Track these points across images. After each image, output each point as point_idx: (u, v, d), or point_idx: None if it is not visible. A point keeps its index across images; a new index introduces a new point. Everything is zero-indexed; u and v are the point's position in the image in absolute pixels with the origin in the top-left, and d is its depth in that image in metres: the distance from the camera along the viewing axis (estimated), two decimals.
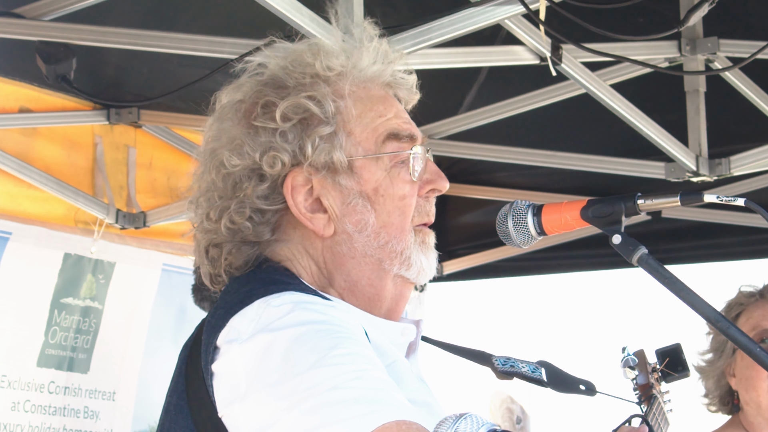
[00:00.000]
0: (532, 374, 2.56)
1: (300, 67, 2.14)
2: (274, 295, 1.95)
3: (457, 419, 1.69)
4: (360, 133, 2.12)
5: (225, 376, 1.90)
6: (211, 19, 4.65)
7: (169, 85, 4.81)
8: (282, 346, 1.84)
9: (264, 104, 2.10)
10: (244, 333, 1.90)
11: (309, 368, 1.80)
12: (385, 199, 2.11)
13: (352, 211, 2.10)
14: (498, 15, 3.75)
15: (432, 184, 2.17)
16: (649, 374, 3.38)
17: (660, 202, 2.04)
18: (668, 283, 1.95)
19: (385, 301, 2.14)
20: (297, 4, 3.55)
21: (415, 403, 1.94)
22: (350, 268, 2.10)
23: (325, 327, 1.88)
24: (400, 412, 1.76)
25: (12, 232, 4.77)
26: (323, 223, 2.09)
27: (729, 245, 5.97)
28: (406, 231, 2.12)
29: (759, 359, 1.92)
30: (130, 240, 5.28)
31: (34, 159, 4.90)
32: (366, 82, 2.16)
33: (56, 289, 4.95)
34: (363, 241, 2.10)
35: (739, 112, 5.00)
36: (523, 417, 6.34)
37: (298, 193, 2.09)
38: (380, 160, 2.12)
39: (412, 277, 2.14)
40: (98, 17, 4.43)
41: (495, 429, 1.68)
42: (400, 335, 2.14)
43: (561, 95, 4.93)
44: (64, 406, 4.99)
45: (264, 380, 1.83)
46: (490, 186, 5.95)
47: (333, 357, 1.81)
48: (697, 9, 3.81)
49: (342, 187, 2.10)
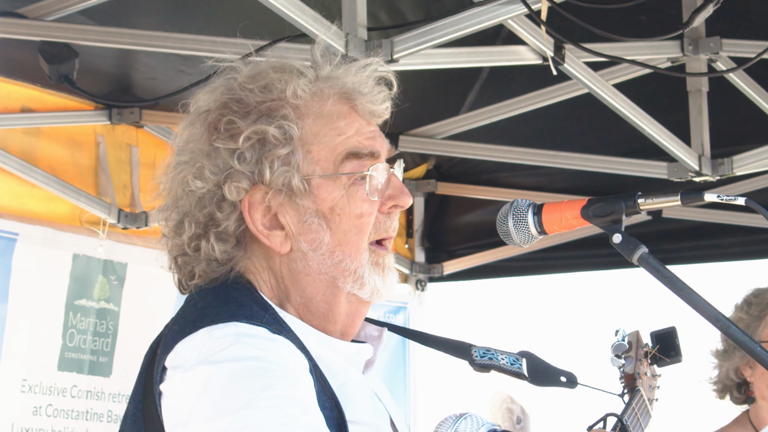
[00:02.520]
0: (511, 367, 2.53)
1: (262, 84, 2.15)
2: (218, 326, 1.99)
3: (457, 419, 1.70)
4: (318, 152, 2.12)
5: (170, 399, 1.98)
6: (213, 19, 4.65)
7: (170, 85, 4.81)
8: (219, 380, 1.91)
9: (226, 122, 2.12)
10: (187, 361, 1.96)
11: (241, 408, 1.86)
12: (341, 218, 2.11)
13: (308, 230, 2.10)
14: (500, 15, 3.75)
15: (394, 200, 2.16)
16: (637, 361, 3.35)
17: (660, 201, 2.04)
18: (669, 283, 1.95)
19: (339, 318, 2.15)
20: (299, 4, 3.55)
21: (362, 424, 2.01)
22: (305, 284, 2.12)
23: (260, 365, 1.92)
24: None
25: (19, 233, 4.77)
26: (280, 240, 2.11)
27: (729, 245, 5.97)
28: (361, 250, 2.13)
29: (759, 358, 1.92)
30: (137, 240, 5.28)
31: (38, 158, 4.91)
32: (327, 98, 2.15)
33: (69, 291, 4.95)
34: (318, 260, 2.11)
35: (741, 111, 5.00)
36: (523, 417, 6.34)
37: (255, 210, 2.11)
38: (338, 179, 2.11)
39: (365, 296, 2.15)
40: (101, 18, 4.44)
41: (495, 429, 1.69)
42: (356, 355, 2.17)
43: (563, 95, 4.93)
44: (87, 410, 4.99)
45: (202, 413, 1.90)
46: (491, 186, 5.95)
47: (263, 399, 1.87)
48: (701, 10, 3.81)
49: (298, 205, 2.11)
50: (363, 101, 2.16)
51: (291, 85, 2.12)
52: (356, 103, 2.16)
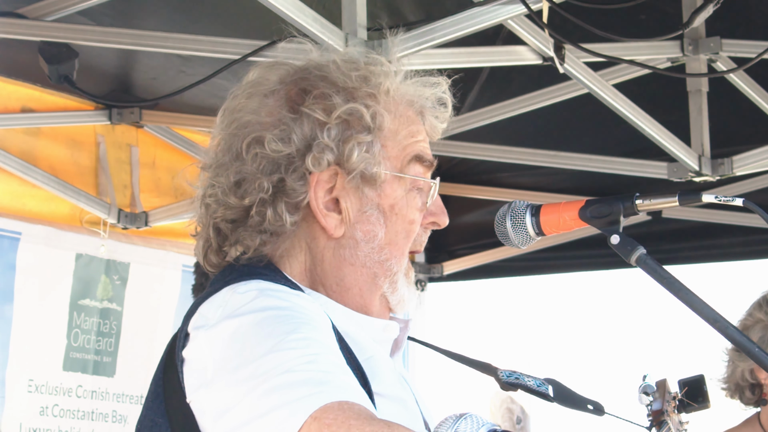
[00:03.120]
0: (538, 388, 2.55)
1: (354, 68, 2.15)
2: (241, 283, 1.98)
3: (457, 419, 1.69)
4: (391, 149, 2.13)
5: (193, 362, 1.95)
6: (214, 19, 4.65)
7: (170, 85, 4.81)
8: (244, 331, 1.89)
9: (318, 94, 2.10)
10: (211, 319, 1.94)
11: (266, 353, 1.84)
12: (398, 218, 2.13)
13: (366, 220, 2.11)
14: (501, 15, 3.75)
15: (434, 217, 2.19)
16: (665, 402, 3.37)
17: (658, 202, 2.04)
18: (667, 283, 1.95)
19: (372, 314, 2.15)
20: (300, 4, 3.55)
21: (388, 397, 1.98)
22: (346, 273, 2.12)
23: (285, 313, 1.91)
24: (345, 393, 1.79)
25: (21, 233, 4.77)
26: (335, 224, 2.10)
27: (729, 245, 5.97)
28: (404, 255, 2.15)
29: (758, 360, 1.92)
30: (137, 240, 5.28)
31: (38, 158, 4.91)
32: (404, 102, 2.18)
33: (73, 291, 4.95)
34: (366, 252, 2.11)
35: (741, 112, 5.01)
36: (523, 417, 6.34)
37: (320, 187, 2.09)
38: (404, 179, 2.14)
39: (393, 302, 2.16)
40: (101, 19, 4.44)
41: (495, 429, 1.69)
42: (382, 331, 2.16)
43: (563, 95, 4.93)
44: (92, 410, 5.00)
45: (226, 366, 1.87)
46: (491, 186, 5.95)
47: (289, 341, 1.85)
48: (701, 10, 3.81)
49: (363, 195, 2.11)
50: (430, 116, 2.21)
51: (383, 80, 2.14)
52: (425, 115, 2.21)
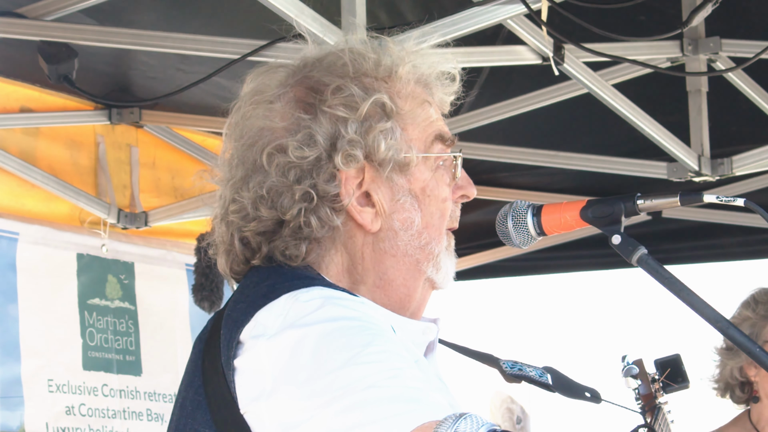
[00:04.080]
0: (539, 378, 2.55)
1: (359, 57, 2.10)
2: (303, 290, 1.89)
3: (457, 419, 1.69)
4: (413, 131, 2.09)
5: (249, 372, 1.85)
6: (213, 18, 4.65)
7: (170, 85, 4.81)
8: (312, 342, 1.79)
9: (334, 89, 2.04)
10: (271, 328, 1.85)
11: (342, 366, 1.75)
12: (431, 200, 2.09)
13: (401, 209, 2.06)
14: (500, 15, 3.75)
15: (463, 189, 2.17)
16: (650, 384, 3.38)
17: (659, 202, 2.03)
18: (668, 284, 1.95)
19: (413, 303, 2.11)
20: (299, 4, 3.55)
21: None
22: (388, 266, 2.07)
23: (357, 324, 1.84)
24: (437, 413, 1.71)
25: (19, 233, 4.77)
26: (371, 218, 2.05)
27: (729, 245, 5.97)
28: (442, 234, 2.12)
29: (759, 359, 1.92)
30: (136, 239, 5.28)
31: (38, 158, 4.91)
32: (414, 83, 2.13)
33: (80, 291, 4.95)
34: (406, 240, 2.07)
35: (741, 112, 5.00)
36: (523, 417, 6.34)
37: (350, 184, 2.04)
38: (428, 160, 2.09)
39: (439, 280, 2.13)
40: (101, 18, 4.44)
41: (495, 429, 1.68)
42: (422, 334, 2.11)
43: (563, 95, 4.92)
44: (123, 409, 5.00)
45: (293, 377, 1.78)
46: (491, 186, 5.94)
47: (367, 354, 1.77)
48: (700, 9, 3.81)
49: (393, 183, 2.06)
50: (437, 90, 2.17)
51: (393, 63, 2.10)
52: (432, 90, 2.16)
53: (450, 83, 2.19)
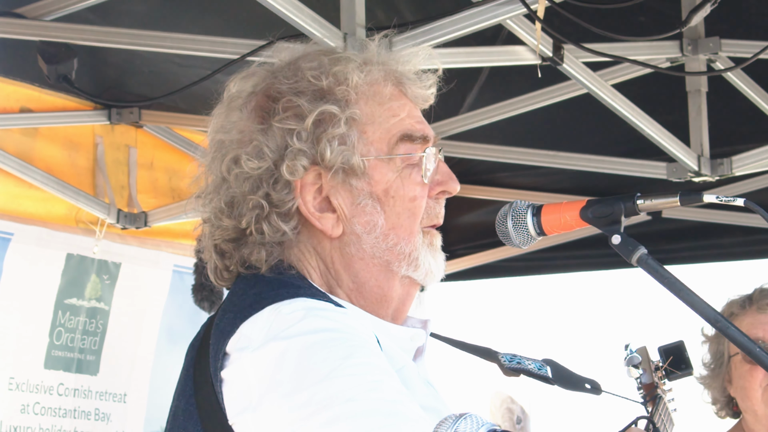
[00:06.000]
0: (539, 371, 2.55)
1: (314, 64, 2.12)
2: (285, 302, 1.92)
3: (457, 419, 1.69)
4: (373, 133, 2.09)
5: (235, 384, 1.89)
6: (212, 19, 4.65)
7: (170, 85, 4.81)
8: (295, 354, 1.83)
9: (285, 102, 2.08)
10: (255, 341, 1.88)
11: (324, 378, 1.78)
12: (395, 201, 2.09)
13: (362, 212, 2.08)
14: (499, 15, 3.75)
15: (443, 185, 2.16)
16: (652, 372, 3.37)
17: (659, 202, 2.03)
18: (667, 284, 1.95)
19: (392, 302, 2.13)
20: (298, 4, 3.55)
21: (424, 408, 1.93)
22: (358, 269, 2.08)
23: (339, 335, 1.86)
24: (415, 426, 1.75)
25: (14, 233, 4.77)
26: (332, 223, 2.07)
27: (729, 245, 5.97)
28: (414, 233, 2.11)
29: (759, 359, 1.92)
30: (131, 240, 5.28)
31: (35, 159, 4.90)
32: (378, 81, 2.13)
33: (60, 290, 4.94)
34: (371, 243, 2.08)
35: (740, 112, 5.00)
36: (523, 417, 6.34)
37: (307, 191, 2.07)
38: (392, 161, 2.09)
39: (420, 278, 2.13)
40: (100, 17, 4.43)
41: (495, 429, 1.68)
42: (410, 340, 2.13)
43: (562, 95, 4.92)
44: (74, 408, 4.98)
45: (277, 390, 1.82)
46: (491, 186, 5.94)
47: (348, 367, 1.80)
48: (699, 9, 3.81)
49: (352, 187, 2.07)
50: (411, 85, 2.16)
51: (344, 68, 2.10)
52: (405, 86, 2.15)
53: (424, 77, 2.18)
